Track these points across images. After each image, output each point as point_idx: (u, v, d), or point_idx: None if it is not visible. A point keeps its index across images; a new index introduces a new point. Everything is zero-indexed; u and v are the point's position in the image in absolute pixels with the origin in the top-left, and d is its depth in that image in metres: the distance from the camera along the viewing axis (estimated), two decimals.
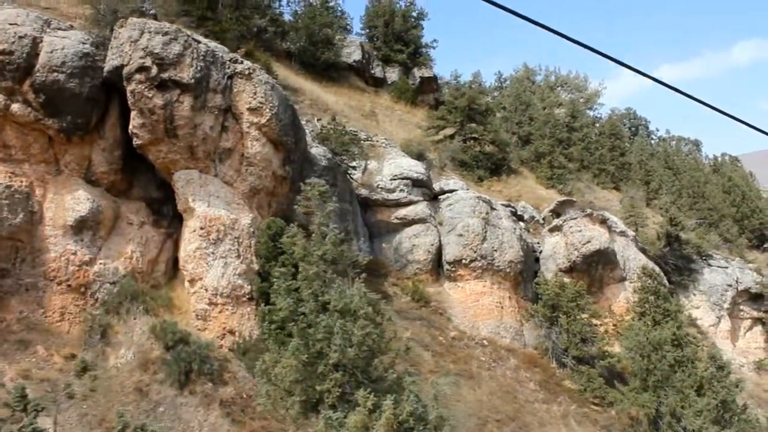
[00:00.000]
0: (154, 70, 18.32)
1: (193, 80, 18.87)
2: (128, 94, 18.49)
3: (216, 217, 19.33)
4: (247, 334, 18.92)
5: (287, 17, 36.72)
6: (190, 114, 18.94)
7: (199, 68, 19.08)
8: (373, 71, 38.86)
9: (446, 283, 26.43)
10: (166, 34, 18.68)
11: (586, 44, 6.72)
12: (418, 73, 40.12)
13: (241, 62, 20.35)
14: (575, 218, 28.44)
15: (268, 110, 20.22)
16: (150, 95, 18.39)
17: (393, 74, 39.29)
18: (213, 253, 19.14)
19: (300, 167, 23.11)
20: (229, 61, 20.13)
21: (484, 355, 23.80)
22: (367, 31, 40.53)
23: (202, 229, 19.14)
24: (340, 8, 40.59)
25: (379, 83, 38.97)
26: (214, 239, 19.16)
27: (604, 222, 28.98)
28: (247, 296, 19.27)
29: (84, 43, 18.80)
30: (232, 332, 18.89)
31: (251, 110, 20.11)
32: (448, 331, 23.93)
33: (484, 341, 24.53)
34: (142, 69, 18.23)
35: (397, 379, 11.67)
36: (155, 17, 20.65)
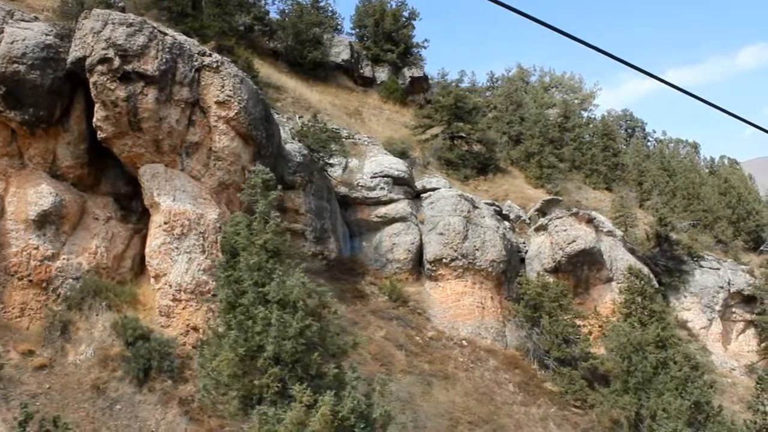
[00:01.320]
0: (117, 62, 17.98)
1: (157, 72, 18.51)
2: (91, 86, 18.16)
3: (181, 211, 18.93)
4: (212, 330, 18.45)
5: (275, 16, 36.42)
6: (155, 107, 18.58)
7: (164, 60, 18.73)
8: (362, 71, 38.51)
9: (427, 282, 25.92)
10: (130, 25, 18.35)
11: (595, 46, 6.54)
12: (408, 72, 39.74)
13: (210, 55, 20.00)
14: (561, 217, 27.87)
15: (236, 103, 19.84)
16: (112, 87, 18.05)
17: (382, 74, 38.92)
18: (177, 248, 18.74)
19: (274, 163, 22.67)
20: (197, 53, 19.78)
21: (463, 355, 23.25)
22: (357, 30, 40.21)
23: (166, 224, 18.75)
24: (330, 8, 40.32)
25: (368, 83, 38.60)
26: (178, 234, 18.76)
27: (590, 221, 28.40)
28: (212, 292, 18.83)
29: (47, 35, 18.50)
30: (195, 329, 18.45)
31: (219, 103, 19.73)
32: (425, 331, 23.40)
33: (463, 342, 23.98)
34: (104, 60, 17.90)
35: (339, 374, 11.16)
36: (123, 10, 20.34)
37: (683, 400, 16.55)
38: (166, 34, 19.26)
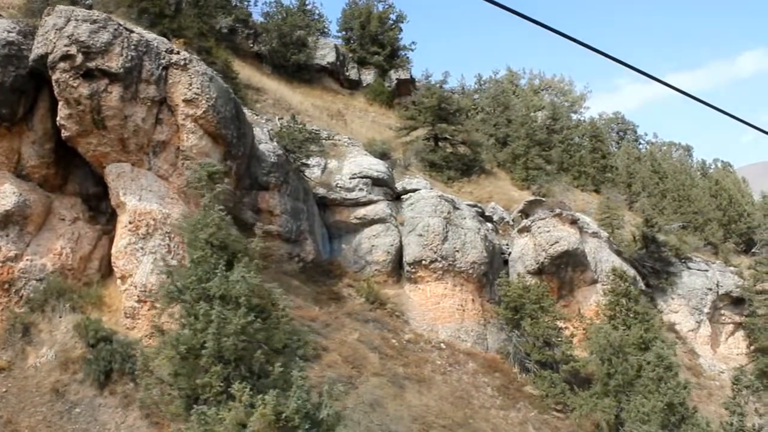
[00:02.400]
0: (80, 59, 17.66)
1: (122, 70, 18.18)
2: (53, 84, 17.86)
3: (146, 211, 18.56)
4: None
5: (259, 19, 36.22)
6: (120, 105, 18.25)
7: (129, 57, 18.41)
8: (347, 73, 38.23)
9: (407, 285, 25.50)
10: (94, 22, 18.05)
11: (594, 47, 6.45)
12: (395, 75, 39.45)
13: (177, 53, 19.67)
14: (544, 218, 27.45)
15: (204, 102, 19.50)
16: (75, 85, 17.73)
17: (369, 76, 38.66)
18: (142, 248, 18.35)
19: (247, 163, 22.39)
20: (165, 51, 19.46)
21: (441, 358, 22.78)
22: (344, 33, 39.98)
23: (131, 223, 18.37)
24: (317, 11, 40.07)
25: (354, 85, 38.33)
26: (143, 234, 18.38)
27: (574, 222, 27.96)
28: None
29: (10, 32, 18.23)
30: (161, 331, 18.01)
31: (187, 102, 19.39)
32: (402, 334, 22.95)
33: (442, 345, 23.51)
34: (66, 57, 17.59)
35: (284, 373, 10.74)
36: (90, 7, 20.07)
37: (656, 401, 16.05)
38: (132, 32, 18.95)
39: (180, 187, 19.67)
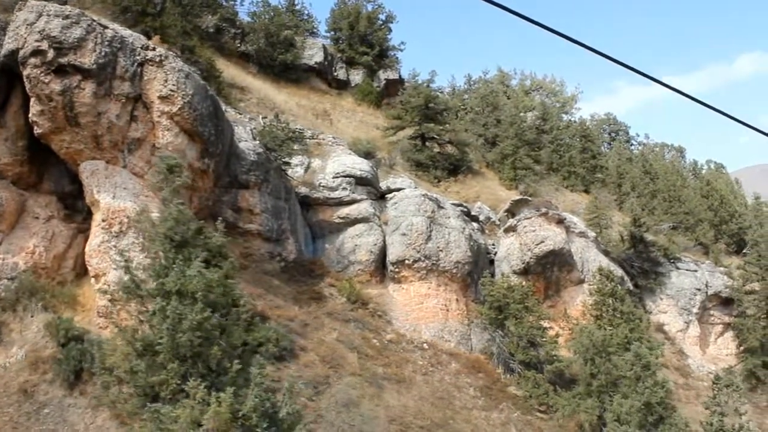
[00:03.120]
0: (51, 54, 17.43)
1: (95, 66, 17.94)
2: (25, 80, 17.62)
3: (120, 209, 18.30)
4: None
5: (246, 19, 36.01)
6: (93, 101, 18.00)
7: (103, 53, 18.17)
8: (336, 73, 38.01)
9: (390, 284, 25.24)
10: (66, 17, 17.81)
11: (593, 47, 6.40)
12: (384, 75, 39.24)
13: (153, 49, 19.44)
14: (530, 218, 27.19)
15: (180, 99, 19.27)
16: (47, 80, 17.50)
17: (357, 76, 38.44)
18: (115, 246, 18.05)
19: (226, 161, 22.15)
20: (140, 47, 19.23)
21: (423, 359, 22.50)
22: (332, 33, 39.77)
23: (104, 221, 18.12)
24: (306, 11, 39.91)
25: (342, 85, 38.11)
26: (117, 232, 18.12)
27: (561, 222, 27.71)
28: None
29: None
30: (119, 327, 17.72)
31: (162, 98, 19.16)
32: (384, 334, 22.67)
33: (425, 345, 23.23)
34: (37, 53, 17.35)
35: (242, 371, 10.47)
36: (65, 2, 19.83)
37: (634, 401, 15.76)
38: (106, 27, 18.72)
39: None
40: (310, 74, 36.95)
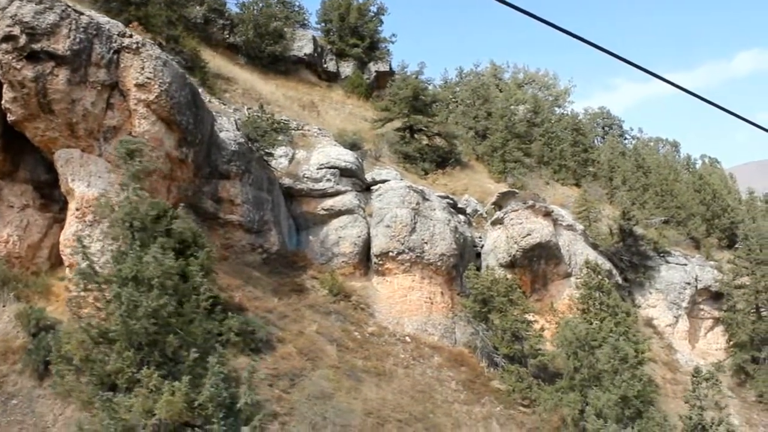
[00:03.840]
0: (23, 40, 17.12)
1: (69, 52, 17.64)
2: None
3: (94, 198, 17.96)
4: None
5: (235, 10, 35.67)
6: (66, 88, 17.70)
7: (78, 40, 17.87)
8: (326, 65, 37.68)
9: (374, 277, 25.00)
10: (39, 2, 17.49)
11: (595, 43, 6.29)
12: (374, 67, 38.91)
13: (130, 36, 19.14)
14: (516, 210, 26.94)
15: (156, 86, 18.97)
16: (19, 67, 17.19)
17: (347, 68, 38.11)
18: (90, 236, 17.80)
19: (206, 151, 21.87)
20: (117, 34, 18.93)
21: (405, 352, 22.27)
22: (323, 24, 39.43)
23: (78, 210, 17.87)
24: (297, 2, 39.46)
25: (332, 77, 37.79)
26: (90, 221, 17.85)
27: (548, 214, 27.45)
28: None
29: None
30: (76, 314, 17.46)
31: (139, 86, 18.86)
32: (365, 327, 22.43)
33: (407, 338, 23.00)
34: (9, 38, 17.03)
35: (199, 360, 10.22)
36: None
37: (611, 394, 15.50)
38: (81, 14, 18.40)
39: None
40: (299, 66, 36.63)
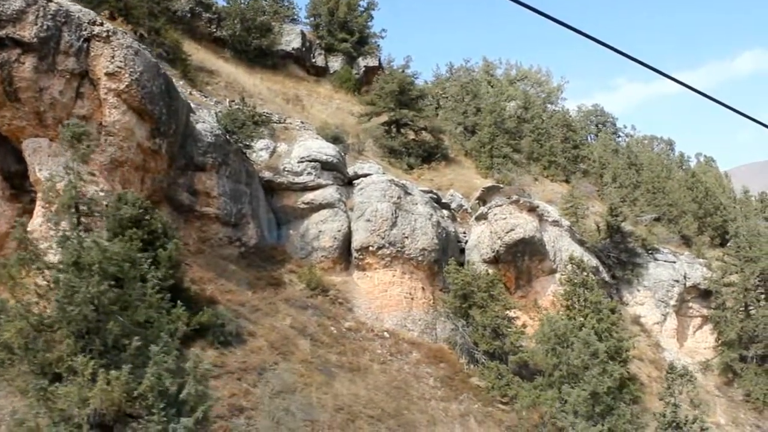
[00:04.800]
0: None
1: (36, 39, 17.36)
2: None
3: (62, 187, 17.69)
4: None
5: (222, 3, 35.35)
6: (33, 76, 17.43)
7: (45, 27, 17.59)
8: (314, 60, 37.35)
9: (355, 272, 24.66)
10: None
11: (599, 39, 6.20)
12: (363, 62, 38.56)
13: (101, 24, 18.84)
14: (501, 205, 26.56)
15: (127, 75, 18.67)
16: None
17: (336, 63, 37.77)
18: (56, 226, 17.47)
19: (181, 142, 21.54)
20: (87, 22, 18.63)
21: (382, 347, 21.93)
22: (312, 19, 39.10)
23: (44, 200, 17.53)
24: None
25: (321, 72, 37.45)
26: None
27: (533, 210, 27.06)
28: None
29: None
30: (17, 300, 17.13)
31: (109, 75, 18.56)
32: (343, 322, 22.09)
33: (386, 333, 22.66)
34: None
35: (140, 348, 9.88)
36: None
37: (580, 390, 15.12)
38: (50, 0, 18.11)
39: (102, 164, 18.82)
40: (287, 60, 36.29)
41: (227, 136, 23.07)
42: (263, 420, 14.94)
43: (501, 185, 27.94)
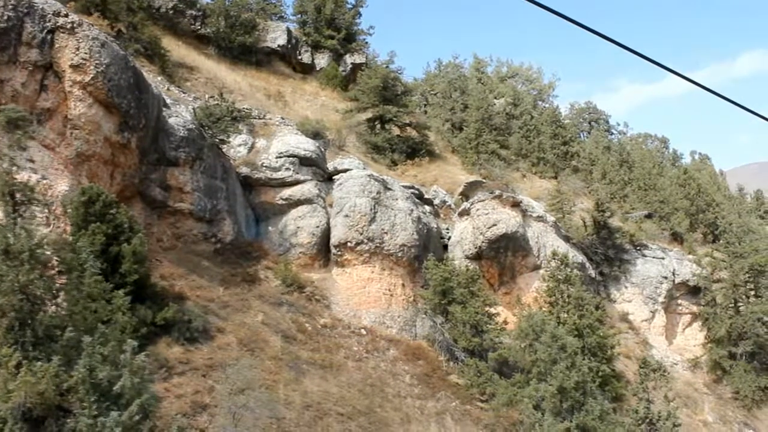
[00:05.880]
0: None
1: None
2: None
3: (25, 182, 17.36)
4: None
5: (207, 0, 35.05)
6: None
7: (6, 18, 17.26)
8: (300, 57, 37.02)
9: (334, 268, 24.26)
10: None
11: (604, 34, 6.32)
12: (350, 59, 38.21)
13: (66, 15, 18.51)
14: (483, 200, 26.14)
15: (93, 68, 18.34)
16: None
17: (322, 60, 37.44)
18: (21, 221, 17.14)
19: (152, 137, 21.18)
20: (52, 14, 18.31)
21: (359, 345, 21.49)
22: (299, 16, 38.77)
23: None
24: None
25: (307, 69, 37.12)
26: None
27: (516, 205, 26.62)
28: (56, 268, 17.23)
29: None
30: None
31: (74, 67, 18.23)
32: (319, 318, 21.67)
33: (363, 330, 22.23)
34: None
35: (72, 339, 9.50)
36: None
37: (547, 385, 14.66)
38: None
39: (68, 158, 18.48)
40: (273, 57, 35.98)
41: (202, 131, 22.72)
42: (222, 418, 14.52)
43: (484, 180, 27.50)
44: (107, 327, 15.38)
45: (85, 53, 18.35)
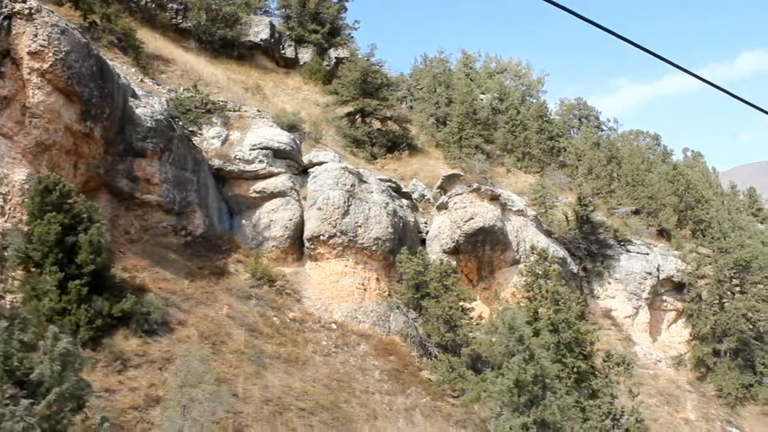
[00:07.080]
0: None
1: None
2: None
3: None
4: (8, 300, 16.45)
5: None
6: None
7: None
8: (283, 51, 36.62)
9: (308, 262, 23.84)
10: None
11: (609, 29, 6.15)
12: (335, 53, 37.79)
13: (23, 1, 18.12)
14: (461, 194, 25.68)
15: (51, 55, 17.94)
16: None
17: (306, 55, 37.03)
18: None
19: (118, 127, 20.78)
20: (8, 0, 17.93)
21: (328, 339, 21.08)
22: (283, 10, 38.38)
23: None
24: None
25: (290, 63, 36.72)
26: None
27: (495, 198, 26.16)
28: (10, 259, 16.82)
29: None
30: None
31: (32, 54, 17.83)
32: (288, 312, 21.25)
33: (333, 325, 21.80)
34: None
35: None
36: None
37: (503, 378, 14.18)
38: None
39: (26, 147, 18.09)
40: (255, 51, 35.59)
41: (171, 122, 22.31)
42: (172, 411, 14.09)
43: (462, 174, 27.03)
44: (63, 318, 14.98)
45: (44, 40, 17.94)
